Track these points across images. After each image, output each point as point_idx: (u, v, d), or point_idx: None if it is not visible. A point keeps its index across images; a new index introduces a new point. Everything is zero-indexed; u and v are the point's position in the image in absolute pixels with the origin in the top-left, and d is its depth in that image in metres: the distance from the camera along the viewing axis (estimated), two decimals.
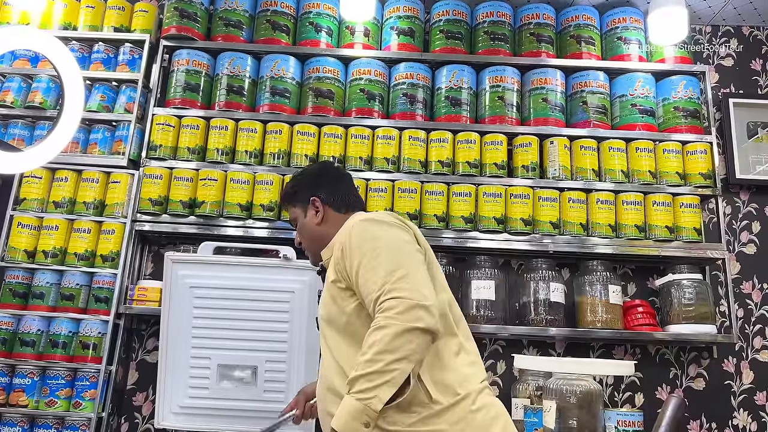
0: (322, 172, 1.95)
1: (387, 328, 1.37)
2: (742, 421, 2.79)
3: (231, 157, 2.88)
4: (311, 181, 1.91)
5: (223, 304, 2.50)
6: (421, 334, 1.37)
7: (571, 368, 2.31)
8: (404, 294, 1.40)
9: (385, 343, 1.36)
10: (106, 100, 2.93)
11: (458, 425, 1.45)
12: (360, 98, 2.96)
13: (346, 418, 1.35)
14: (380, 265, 1.47)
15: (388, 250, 1.51)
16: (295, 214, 1.92)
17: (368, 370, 1.35)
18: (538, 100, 2.98)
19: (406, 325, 1.36)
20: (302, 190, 1.90)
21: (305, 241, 1.89)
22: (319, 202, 1.85)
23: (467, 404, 1.49)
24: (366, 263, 1.50)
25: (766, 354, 2.88)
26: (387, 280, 1.43)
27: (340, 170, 1.98)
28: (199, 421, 2.49)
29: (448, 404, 1.47)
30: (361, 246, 1.54)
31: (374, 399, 1.34)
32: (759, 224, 3.05)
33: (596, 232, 2.79)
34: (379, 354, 1.35)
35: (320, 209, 1.85)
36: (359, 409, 1.35)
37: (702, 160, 2.88)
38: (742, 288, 2.96)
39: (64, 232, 2.73)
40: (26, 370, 2.56)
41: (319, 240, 1.82)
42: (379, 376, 1.35)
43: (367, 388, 1.35)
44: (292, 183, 1.97)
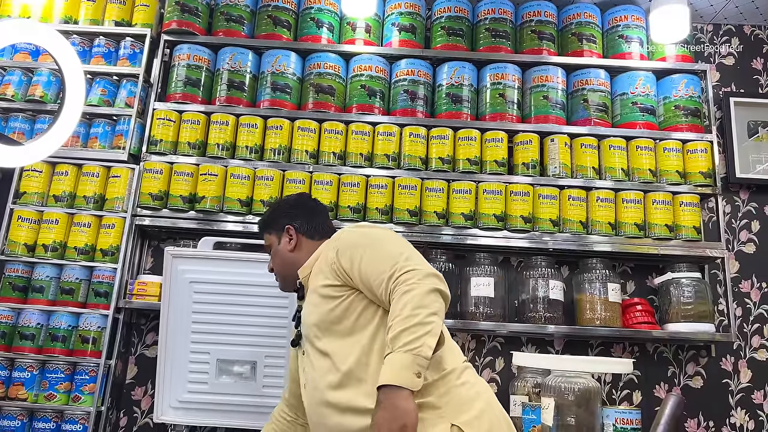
0: (297, 203, 2.03)
1: (414, 289, 1.47)
2: (739, 419, 2.80)
3: (231, 152, 2.88)
4: (287, 210, 1.99)
5: (223, 299, 2.50)
6: (441, 296, 1.51)
7: (570, 366, 2.31)
8: (417, 267, 1.52)
9: (417, 301, 1.45)
10: (107, 94, 2.93)
11: (445, 397, 1.54)
12: (361, 94, 2.96)
13: (400, 371, 1.39)
14: (384, 253, 1.58)
15: (389, 239, 1.66)
16: (270, 241, 1.98)
17: (409, 324, 1.42)
18: (539, 98, 2.98)
19: (429, 286, 1.48)
20: (278, 219, 1.98)
21: (277, 266, 1.96)
22: (293, 230, 1.93)
23: (452, 378, 1.58)
24: (369, 254, 1.60)
25: (764, 353, 2.88)
26: (396, 260, 1.55)
27: (316, 202, 2.08)
28: (198, 415, 2.50)
29: (436, 378, 1.55)
30: (360, 241, 1.66)
31: (423, 347, 1.40)
32: (758, 223, 3.06)
33: (596, 230, 2.79)
34: (414, 309, 1.44)
35: (294, 237, 1.93)
36: (410, 360, 1.39)
37: (702, 158, 2.88)
38: (741, 287, 2.97)
39: (64, 226, 2.74)
40: (26, 364, 2.57)
41: (291, 265, 1.90)
42: (421, 327, 1.42)
43: (413, 339, 1.41)
44: (269, 211, 2.06)
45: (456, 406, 1.53)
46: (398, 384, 1.38)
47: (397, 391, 1.38)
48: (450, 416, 1.51)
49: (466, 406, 1.54)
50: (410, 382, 1.39)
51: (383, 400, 1.39)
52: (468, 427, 1.50)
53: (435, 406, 1.52)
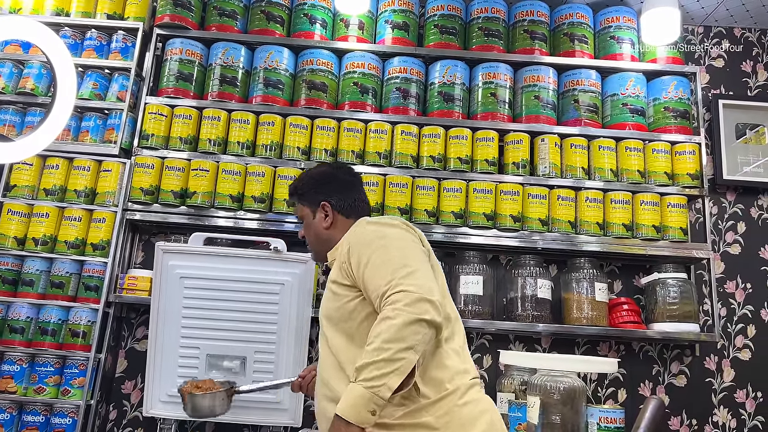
0: (336, 176, 1.92)
1: (394, 318, 1.39)
2: (722, 418, 2.85)
3: (223, 147, 2.88)
4: (323, 183, 1.89)
5: (213, 294, 2.51)
6: (427, 326, 1.41)
7: (556, 365, 2.34)
8: (411, 288, 1.43)
9: (392, 333, 1.38)
10: (99, 87, 2.92)
11: (443, 418, 1.48)
12: (353, 91, 2.96)
13: (353, 405, 1.36)
14: (387, 262, 1.51)
15: (395, 248, 1.55)
16: (303, 212, 1.91)
17: (376, 358, 1.36)
18: (530, 98, 3.00)
19: (413, 317, 1.39)
20: (313, 192, 1.88)
21: (311, 239, 1.90)
22: (329, 208, 1.85)
23: (454, 399, 1.51)
24: (374, 260, 1.53)
25: (747, 353, 2.93)
26: (394, 276, 1.47)
27: (353, 174, 1.96)
28: None
29: (435, 398, 1.50)
30: (368, 244, 1.58)
31: (383, 387, 1.35)
32: (744, 225, 3.10)
33: (584, 230, 2.82)
34: (387, 342, 1.37)
35: (329, 214, 1.84)
36: (367, 396, 1.35)
37: (690, 160, 2.91)
38: (726, 287, 3.01)
39: (54, 220, 2.73)
40: (15, 357, 2.57)
41: (325, 243, 1.84)
42: (387, 364, 1.36)
43: (376, 376, 1.35)
44: (303, 182, 1.94)
45: (455, 428, 1.49)
46: (349, 420, 1.36)
47: (346, 425, 1.37)
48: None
49: (466, 427, 1.49)
50: (362, 419, 1.36)
51: (334, 429, 1.40)
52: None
53: (432, 427, 1.47)
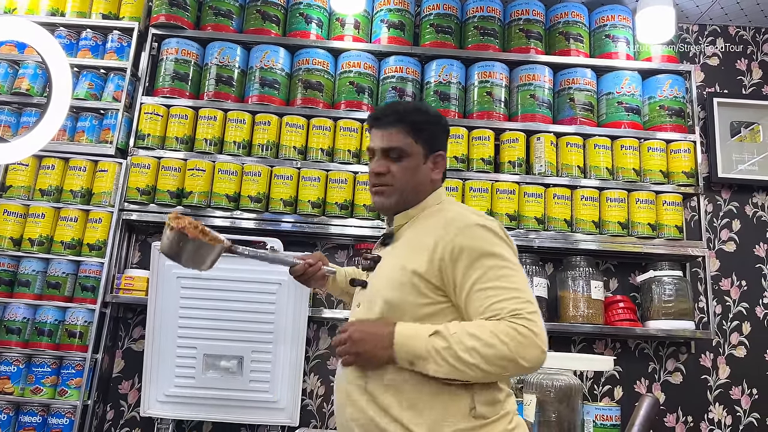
0: (447, 128, 1.67)
1: (504, 345, 1.30)
2: (717, 414, 2.86)
3: (219, 147, 2.88)
4: (444, 132, 1.64)
5: (210, 294, 2.52)
6: (519, 371, 1.33)
7: (552, 363, 2.35)
8: (537, 331, 1.32)
9: (489, 353, 1.30)
10: (94, 87, 2.92)
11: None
12: (349, 91, 2.97)
13: (407, 345, 1.35)
14: (509, 290, 1.36)
15: (514, 275, 1.39)
16: (407, 147, 1.55)
17: (458, 351, 1.31)
18: (525, 96, 3.00)
19: (518, 358, 1.30)
20: (434, 133, 1.60)
21: (401, 183, 1.55)
22: (443, 163, 1.61)
23: (505, 422, 1.44)
24: (488, 281, 1.38)
25: (743, 350, 2.94)
26: (523, 307, 1.34)
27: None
28: (185, 409, 2.52)
29: (490, 420, 1.41)
30: (481, 260, 1.39)
31: (434, 367, 1.33)
32: (739, 222, 3.11)
33: (580, 228, 2.83)
34: (477, 353, 1.31)
35: (440, 168, 1.60)
36: (422, 354, 1.34)
37: (685, 158, 2.93)
38: (721, 285, 3.02)
39: (50, 221, 2.73)
40: (12, 358, 2.57)
41: (412, 193, 1.56)
42: (459, 362, 1.32)
43: (442, 357, 1.33)
44: (423, 112, 1.60)
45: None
46: (395, 347, 1.36)
47: (389, 345, 1.37)
48: None
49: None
50: (402, 358, 1.36)
51: (380, 330, 1.39)
52: None
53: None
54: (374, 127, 1.60)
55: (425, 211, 1.55)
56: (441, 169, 1.60)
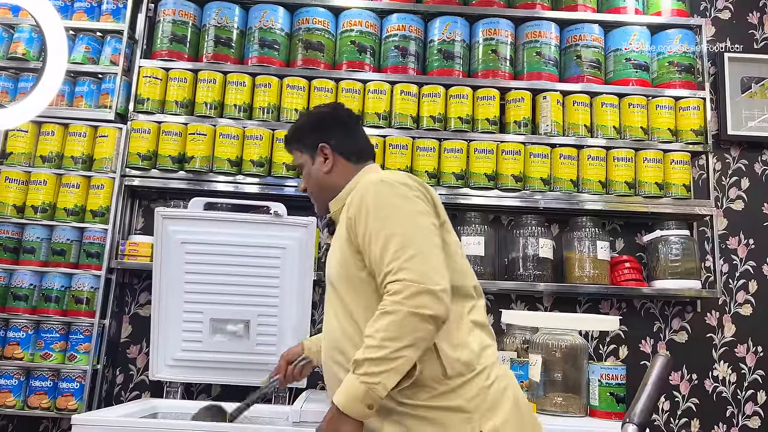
0: (333, 115, 1.79)
1: (393, 314, 1.33)
2: (722, 372, 2.88)
3: (220, 111, 2.84)
4: (320, 124, 1.75)
5: (215, 259, 2.51)
6: (429, 320, 1.34)
7: (557, 323, 2.36)
8: (413, 276, 1.35)
9: (391, 330, 1.33)
10: (91, 51, 2.87)
11: (474, 401, 1.43)
12: (351, 51, 2.90)
13: (351, 399, 1.34)
14: (392, 240, 1.40)
15: (404, 223, 1.43)
16: (301, 159, 1.77)
17: (374, 355, 1.33)
18: (531, 54, 2.93)
19: (413, 312, 1.33)
20: (310, 134, 1.74)
21: (312, 189, 1.76)
22: (329, 150, 1.71)
23: (482, 379, 1.46)
24: (378, 234, 1.43)
25: (749, 308, 2.94)
26: (397, 257, 1.38)
27: (352, 114, 1.84)
28: (193, 373, 2.55)
29: (464, 380, 1.44)
30: (376, 213, 1.45)
31: (379, 385, 1.32)
32: (748, 180, 3.07)
33: (586, 189, 2.80)
34: (385, 340, 1.33)
35: (329, 157, 1.71)
36: (363, 391, 1.32)
37: (695, 116, 2.87)
38: (729, 243, 3.00)
39: (52, 187, 2.71)
40: (20, 324, 2.59)
41: (327, 190, 1.71)
42: (384, 362, 1.32)
43: (373, 373, 1.32)
44: (299, 124, 1.81)
45: (485, 411, 1.44)
46: (346, 413, 1.34)
47: (344, 417, 1.35)
48: (479, 421, 1.42)
49: (495, 409, 1.45)
50: (359, 413, 1.34)
51: (331, 417, 1.38)
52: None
53: (464, 410, 1.42)
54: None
55: (351, 193, 1.60)
56: (331, 157, 1.71)
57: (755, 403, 2.85)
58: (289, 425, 2.06)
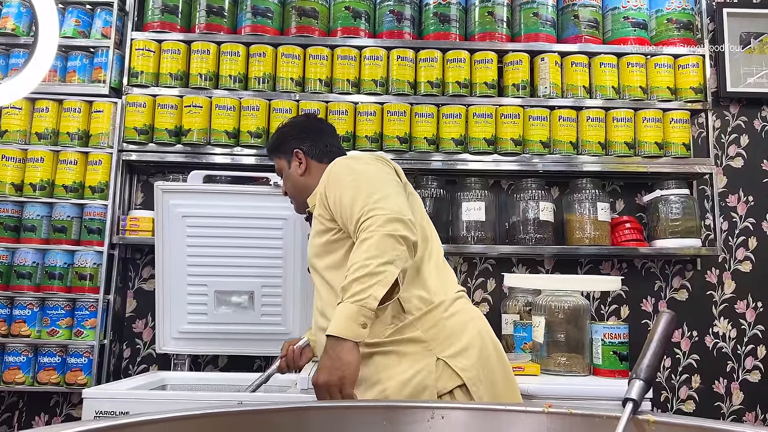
0: (305, 124, 2.03)
1: (370, 238, 1.44)
2: (722, 328, 2.91)
3: (215, 82, 2.81)
4: (295, 133, 1.98)
5: (217, 232, 2.51)
6: (403, 241, 1.45)
7: (560, 285, 2.37)
8: (383, 211, 1.47)
9: (371, 250, 1.42)
10: (81, 24, 2.82)
11: (431, 331, 1.57)
12: (345, 16, 2.86)
13: (344, 321, 1.39)
14: (359, 193, 1.54)
15: (367, 179, 1.60)
16: (280, 165, 2.00)
17: (359, 274, 1.40)
18: (528, 15, 2.89)
19: (388, 233, 1.44)
20: (286, 143, 1.98)
21: (290, 190, 1.99)
22: (302, 154, 1.93)
23: (440, 311, 1.60)
24: (347, 194, 1.57)
25: (748, 264, 2.96)
26: (366, 202, 1.50)
27: (324, 122, 2.08)
28: (200, 345, 2.57)
29: (421, 314, 1.58)
30: (342, 178, 1.63)
31: (369, 298, 1.38)
32: (747, 137, 3.06)
33: (586, 150, 2.79)
34: (366, 259, 1.41)
35: (303, 161, 1.93)
36: (355, 311, 1.39)
37: (694, 74, 2.85)
38: (728, 201, 3.01)
39: (50, 164, 2.70)
40: (25, 302, 2.60)
41: (303, 190, 1.92)
42: (370, 277, 1.39)
43: (361, 290, 1.39)
44: (276, 135, 2.05)
45: (443, 340, 1.56)
46: (342, 336, 1.39)
47: (341, 342, 1.39)
48: (437, 350, 1.55)
49: (453, 338, 1.57)
50: (354, 334, 1.39)
51: (328, 349, 1.42)
52: (453, 360, 1.53)
53: (421, 340, 1.55)
54: None
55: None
56: (305, 160, 1.93)
57: (755, 358, 2.89)
58: (297, 392, 2.10)
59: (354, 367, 1.40)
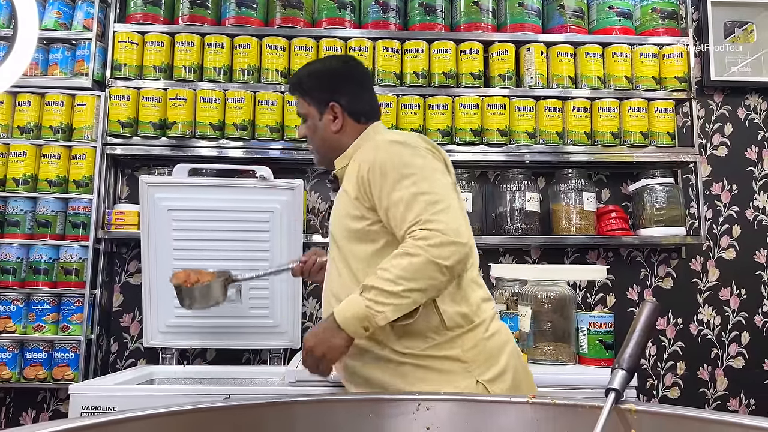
0: (346, 74, 1.73)
1: (415, 256, 1.36)
2: (706, 315, 2.95)
3: (199, 74, 2.78)
4: (333, 81, 1.70)
5: (203, 225, 2.50)
6: (446, 272, 1.37)
7: (546, 275, 2.39)
8: (441, 227, 1.37)
9: (409, 271, 1.35)
10: (63, 16, 2.78)
11: (471, 351, 1.48)
12: (330, 7, 2.84)
13: (351, 317, 1.38)
14: (416, 196, 1.42)
15: (425, 179, 1.45)
16: (306, 111, 1.70)
17: (385, 287, 1.36)
18: (514, 5, 2.89)
19: (434, 260, 1.35)
20: (321, 89, 1.68)
21: (316, 144, 1.72)
22: (339, 109, 1.66)
23: (481, 332, 1.51)
24: (401, 192, 1.43)
25: (732, 252, 3.00)
26: (425, 210, 1.39)
27: (364, 72, 1.80)
28: (187, 339, 2.56)
29: (462, 331, 1.49)
30: (393, 171, 1.46)
31: (380, 315, 1.36)
32: (731, 126, 3.08)
33: (572, 141, 2.80)
34: (400, 278, 1.36)
35: (339, 117, 1.66)
36: (363, 314, 1.36)
37: (678, 63, 2.86)
38: (712, 190, 3.03)
39: (33, 158, 2.67)
40: (10, 297, 2.58)
41: (333, 149, 1.68)
42: (392, 297, 1.36)
43: (379, 302, 1.36)
44: (309, 75, 1.73)
45: (482, 362, 1.49)
46: (343, 327, 1.38)
47: (339, 329, 1.39)
48: (476, 372, 1.47)
49: (492, 360, 1.50)
50: (354, 331, 1.38)
51: (327, 326, 1.42)
52: (492, 385, 1.47)
53: (461, 359, 1.47)
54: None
55: (360, 149, 1.62)
56: (341, 117, 1.66)
57: (739, 344, 2.93)
58: (285, 385, 2.10)
59: (337, 353, 1.42)
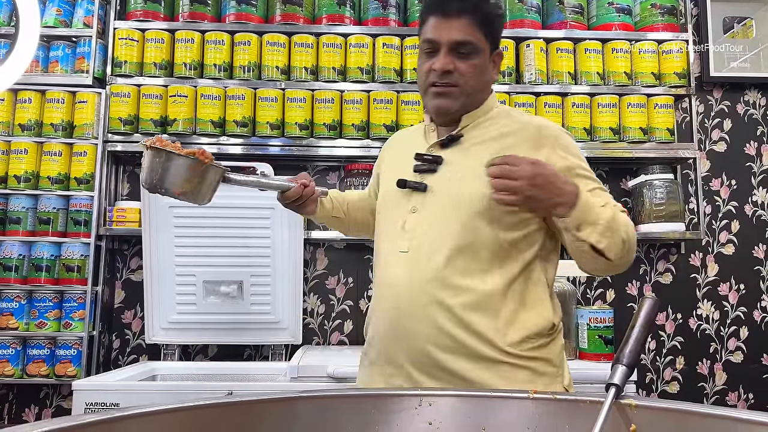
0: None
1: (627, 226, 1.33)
2: (705, 310, 2.96)
3: (200, 71, 2.78)
4: (501, 30, 1.52)
5: (204, 222, 2.52)
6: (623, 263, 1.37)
7: None
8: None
9: (631, 233, 1.33)
10: (63, 14, 2.78)
11: (559, 356, 1.43)
12: (330, 4, 2.84)
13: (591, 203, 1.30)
14: (604, 191, 1.44)
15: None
16: (480, 44, 1.40)
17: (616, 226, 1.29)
18: (514, 1, 2.89)
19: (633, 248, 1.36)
20: (499, 31, 1.48)
21: (470, 84, 1.41)
22: (500, 61, 1.51)
23: (561, 337, 1.47)
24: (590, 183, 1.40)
25: (731, 247, 3.01)
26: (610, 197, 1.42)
27: None
28: (189, 335, 2.58)
29: (553, 337, 1.42)
30: (580, 162, 1.44)
31: (595, 236, 1.28)
32: (730, 121, 3.09)
33: None
34: (629, 228, 1.33)
35: (498, 68, 1.51)
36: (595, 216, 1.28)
37: (677, 59, 2.87)
38: (711, 185, 3.04)
39: (34, 156, 2.68)
40: (12, 294, 2.59)
41: (477, 97, 1.45)
42: (614, 235, 1.28)
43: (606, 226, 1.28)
44: (493, 7, 1.46)
45: (564, 367, 1.45)
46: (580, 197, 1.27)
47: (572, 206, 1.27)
48: (561, 376, 1.42)
49: (566, 365, 1.46)
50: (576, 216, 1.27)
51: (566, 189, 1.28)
52: (570, 389, 1.45)
53: (554, 363, 1.40)
54: (439, 14, 1.39)
55: (491, 112, 1.47)
56: (496, 71, 1.50)
57: (738, 339, 2.94)
58: (286, 380, 2.11)
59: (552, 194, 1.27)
